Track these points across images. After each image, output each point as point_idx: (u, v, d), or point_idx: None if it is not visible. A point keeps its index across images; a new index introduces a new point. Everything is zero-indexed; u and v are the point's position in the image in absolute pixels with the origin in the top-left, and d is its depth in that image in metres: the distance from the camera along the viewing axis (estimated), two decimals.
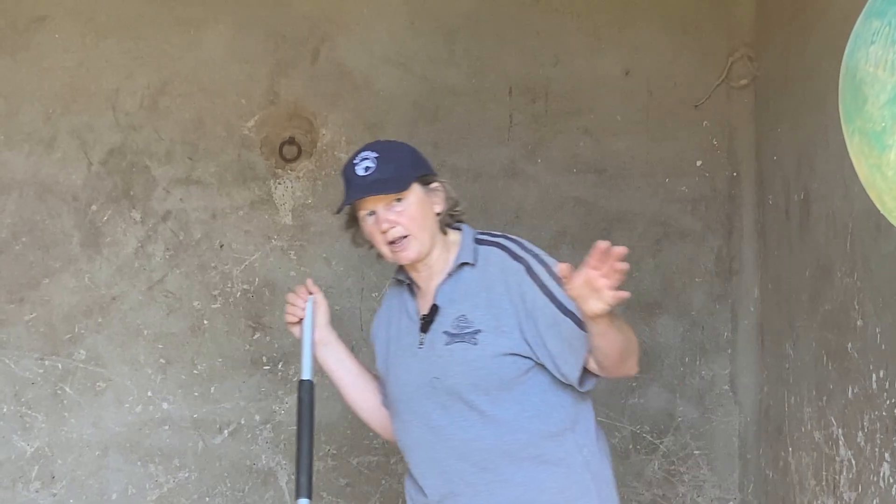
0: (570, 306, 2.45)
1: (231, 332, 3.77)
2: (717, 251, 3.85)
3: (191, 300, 3.76)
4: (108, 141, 3.74)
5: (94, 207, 3.73)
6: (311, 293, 2.74)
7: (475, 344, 2.49)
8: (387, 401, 2.70)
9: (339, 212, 2.62)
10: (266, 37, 3.77)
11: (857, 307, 2.98)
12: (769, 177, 3.71)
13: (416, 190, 2.55)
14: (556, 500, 2.51)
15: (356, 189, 2.54)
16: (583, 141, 3.82)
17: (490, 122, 3.79)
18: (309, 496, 2.62)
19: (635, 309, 3.83)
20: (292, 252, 3.79)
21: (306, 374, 2.70)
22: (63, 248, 3.72)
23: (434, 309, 2.56)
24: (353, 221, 2.62)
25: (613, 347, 2.39)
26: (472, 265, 2.55)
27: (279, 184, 3.78)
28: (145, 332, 3.75)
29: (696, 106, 3.82)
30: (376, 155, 2.55)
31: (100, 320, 3.74)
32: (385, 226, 2.51)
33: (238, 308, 3.77)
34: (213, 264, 3.77)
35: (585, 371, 2.48)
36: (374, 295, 3.76)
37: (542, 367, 2.50)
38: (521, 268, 2.51)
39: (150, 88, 3.74)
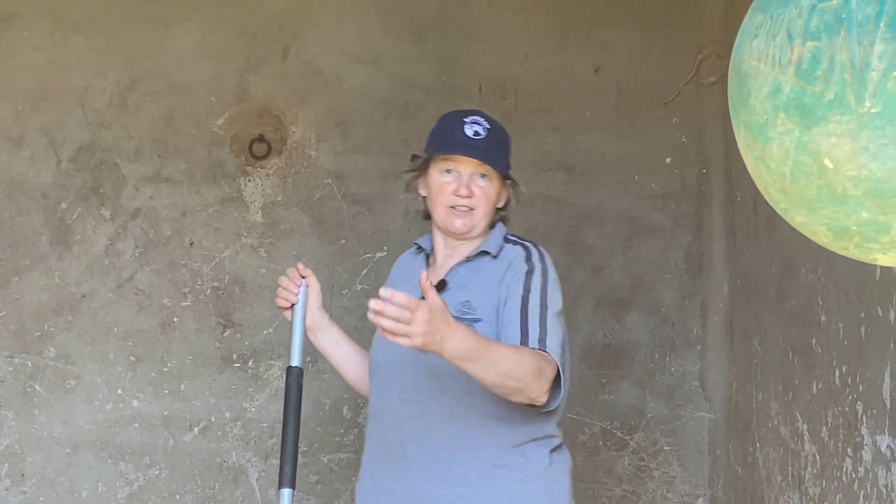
0: (532, 315, 2.46)
1: (201, 329, 3.77)
2: (687, 248, 3.86)
3: (161, 298, 3.76)
4: (78, 139, 3.73)
5: (63, 205, 3.73)
6: (303, 277, 2.71)
7: None
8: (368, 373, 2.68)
9: (429, 153, 2.58)
10: (236, 34, 3.76)
11: (820, 303, 2.99)
12: (738, 173, 3.72)
13: (499, 177, 2.60)
14: None
15: (462, 146, 2.54)
16: (552, 138, 3.83)
17: None
18: (292, 486, 2.59)
19: (605, 305, 3.84)
20: (262, 249, 3.79)
21: (295, 361, 2.66)
22: (32, 246, 3.72)
23: (442, 284, 2.55)
24: (422, 167, 2.61)
25: (487, 386, 2.34)
26: (494, 257, 2.57)
27: (249, 181, 3.78)
28: (115, 329, 3.75)
29: (666, 103, 3.83)
30: (489, 126, 2.59)
31: (70, 318, 3.73)
32: (464, 191, 2.53)
33: (208, 305, 3.77)
34: (183, 262, 3.77)
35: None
36: (343, 292, 3.76)
37: None
38: (525, 269, 2.52)
39: (119, 86, 3.74)
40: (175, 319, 3.77)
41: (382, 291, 2.14)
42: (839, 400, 2.86)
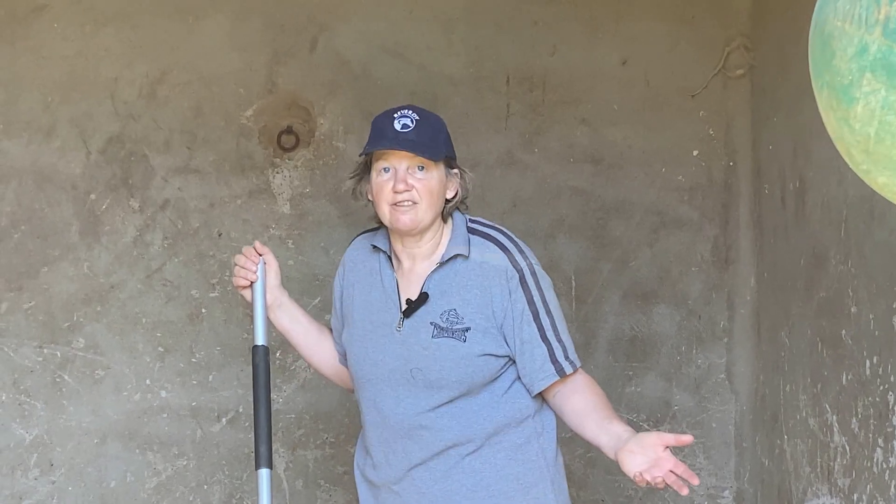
0: (550, 334, 2.50)
1: (229, 320, 3.79)
2: (714, 240, 3.87)
3: (189, 289, 3.78)
4: (107, 130, 3.75)
5: (92, 196, 3.75)
6: (260, 255, 2.68)
7: (464, 342, 2.48)
8: (344, 360, 2.66)
9: (362, 154, 2.56)
10: (264, 26, 3.78)
11: (851, 294, 2.99)
12: (765, 166, 3.72)
13: (440, 167, 2.52)
14: (513, 486, 2.52)
15: (389, 140, 2.49)
16: (580, 130, 3.83)
17: (488, 111, 3.80)
18: (269, 466, 2.57)
19: (632, 297, 3.85)
20: (290, 241, 3.80)
21: (260, 340, 2.63)
22: (62, 237, 3.74)
23: (423, 297, 2.52)
24: (363, 171, 2.57)
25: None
26: (466, 258, 2.52)
27: (277, 173, 3.80)
28: (144, 320, 3.77)
29: (693, 96, 3.83)
30: (417, 117, 2.51)
31: (98, 308, 3.75)
32: (401, 186, 2.46)
33: (236, 297, 3.76)
34: (211, 253, 3.79)
35: None
36: None
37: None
38: (516, 275, 2.50)
39: (148, 77, 3.75)
40: (203, 310, 3.78)
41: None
42: (870, 391, 2.86)
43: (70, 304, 3.74)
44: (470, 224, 2.58)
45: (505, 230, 2.59)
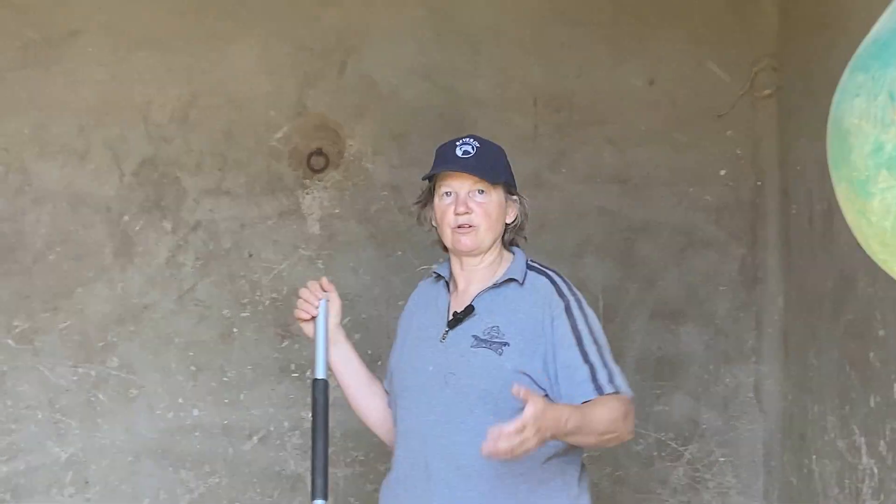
0: (594, 357, 2.56)
1: (260, 340, 3.83)
2: (742, 260, 3.88)
3: (220, 308, 3.83)
4: (140, 152, 3.80)
5: (126, 218, 3.80)
6: (325, 291, 2.76)
7: (500, 354, 2.55)
8: (391, 399, 2.73)
9: (426, 178, 2.69)
10: (294, 49, 3.82)
11: (878, 317, 3.00)
12: (793, 186, 3.73)
13: (499, 191, 2.65)
14: None
15: (450, 163, 2.63)
16: (607, 151, 3.85)
17: (515, 132, 3.82)
18: (325, 497, 2.64)
19: (659, 317, 3.87)
20: (320, 261, 3.84)
21: (320, 374, 2.71)
22: (96, 258, 3.79)
23: (469, 310, 2.61)
24: (427, 198, 2.70)
25: (590, 446, 2.61)
26: (520, 284, 2.62)
27: (307, 194, 3.84)
28: (176, 339, 3.82)
29: (720, 116, 3.85)
30: (478, 145, 2.66)
31: (132, 328, 3.80)
32: (461, 209, 2.59)
33: (267, 316, 3.83)
34: (242, 273, 3.83)
35: None
36: (399, 303, 3.76)
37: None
38: (562, 304, 2.59)
39: (180, 101, 3.81)
40: (234, 330, 3.83)
41: (494, 431, 2.30)
42: None
43: (104, 324, 3.79)
44: (530, 262, 2.69)
45: (559, 272, 2.69)
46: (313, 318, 2.75)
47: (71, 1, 3.77)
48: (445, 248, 2.70)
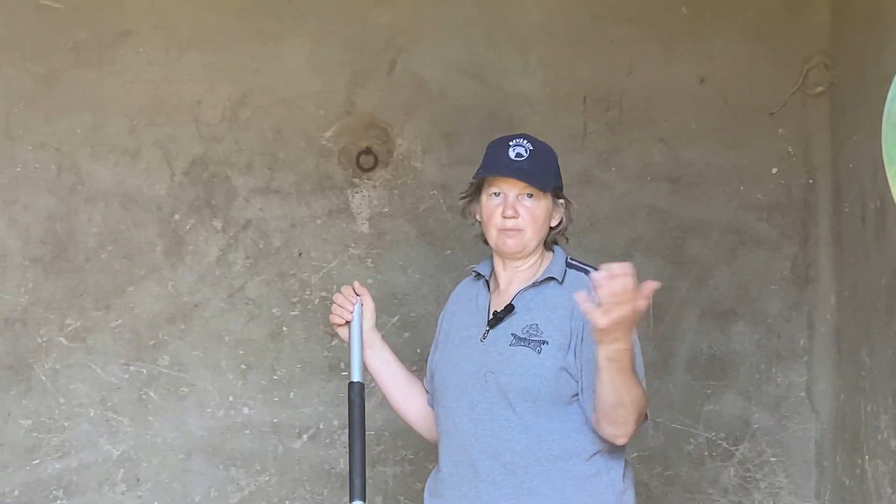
0: None
1: (309, 338, 3.85)
2: (793, 258, 3.84)
3: (270, 307, 3.84)
4: (191, 152, 3.83)
5: (176, 217, 3.83)
6: (358, 295, 2.80)
7: (539, 353, 2.56)
8: (432, 399, 2.74)
9: (475, 178, 2.69)
10: (343, 49, 3.83)
11: None
12: (845, 184, 3.69)
13: (548, 197, 2.66)
14: None
15: (503, 167, 2.62)
16: (657, 149, 3.83)
17: (564, 130, 3.81)
18: (363, 498, 2.68)
19: (710, 316, 3.84)
20: (369, 260, 3.85)
21: (356, 377, 2.76)
22: (147, 257, 3.82)
23: (509, 309, 2.62)
24: (474, 194, 2.70)
25: (605, 398, 2.45)
26: (559, 282, 2.63)
27: (356, 193, 3.85)
28: (227, 338, 3.84)
29: (772, 113, 3.82)
30: (531, 147, 2.66)
31: (183, 327, 3.83)
32: (509, 212, 2.60)
33: (316, 315, 3.84)
34: (291, 272, 3.85)
35: None
36: None
37: None
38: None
39: (230, 100, 3.82)
40: (284, 328, 3.84)
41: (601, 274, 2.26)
42: None
43: (155, 322, 3.82)
44: (570, 260, 2.70)
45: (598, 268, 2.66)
46: (348, 322, 2.78)
47: (122, 1, 3.80)
48: (486, 242, 2.71)
